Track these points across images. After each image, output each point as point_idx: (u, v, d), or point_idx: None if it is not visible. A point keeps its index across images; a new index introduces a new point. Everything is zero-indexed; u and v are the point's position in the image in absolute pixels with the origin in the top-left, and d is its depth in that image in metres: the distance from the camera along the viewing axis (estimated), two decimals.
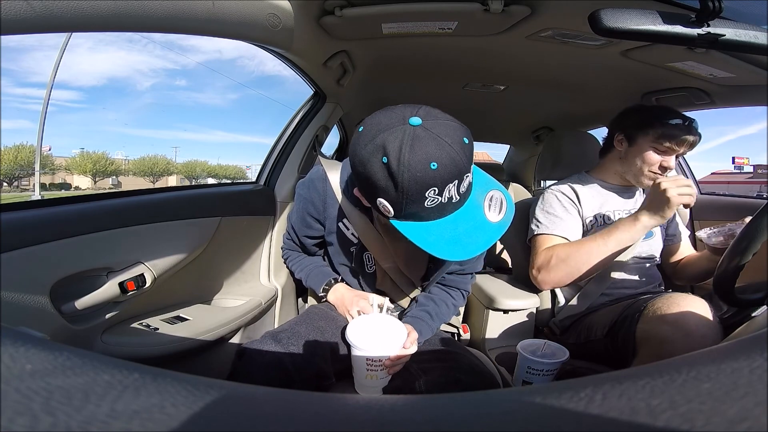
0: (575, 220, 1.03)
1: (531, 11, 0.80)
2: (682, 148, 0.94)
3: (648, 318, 0.77)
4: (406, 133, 0.51)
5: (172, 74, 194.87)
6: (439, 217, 0.56)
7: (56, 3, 0.41)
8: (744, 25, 0.51)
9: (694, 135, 0.93)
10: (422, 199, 0.53)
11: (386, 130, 0.53)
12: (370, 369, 0.66)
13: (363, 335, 0.67)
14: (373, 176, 0.54)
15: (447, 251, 0.55)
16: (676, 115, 0.94)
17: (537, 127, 1.98)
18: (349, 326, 0.69)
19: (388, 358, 0.66)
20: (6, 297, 0.58)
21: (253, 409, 0.15)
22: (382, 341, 0.66)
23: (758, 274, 0.74)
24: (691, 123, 0.94)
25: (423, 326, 0.80)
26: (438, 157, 0.51)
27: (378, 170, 0.53)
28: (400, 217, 0.57)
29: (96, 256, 0.73)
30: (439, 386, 0.65)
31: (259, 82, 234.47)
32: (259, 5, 0.66)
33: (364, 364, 0.66)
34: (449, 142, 0.52)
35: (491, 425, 0.14)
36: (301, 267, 0.94)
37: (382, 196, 0.55)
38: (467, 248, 0.55)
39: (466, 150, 0.53)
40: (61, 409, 0.13)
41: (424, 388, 0.65)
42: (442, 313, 0.86)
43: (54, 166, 47.53)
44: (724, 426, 0.13)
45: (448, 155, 0.51)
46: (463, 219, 0.57)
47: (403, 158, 0.51)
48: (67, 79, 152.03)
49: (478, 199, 0.59)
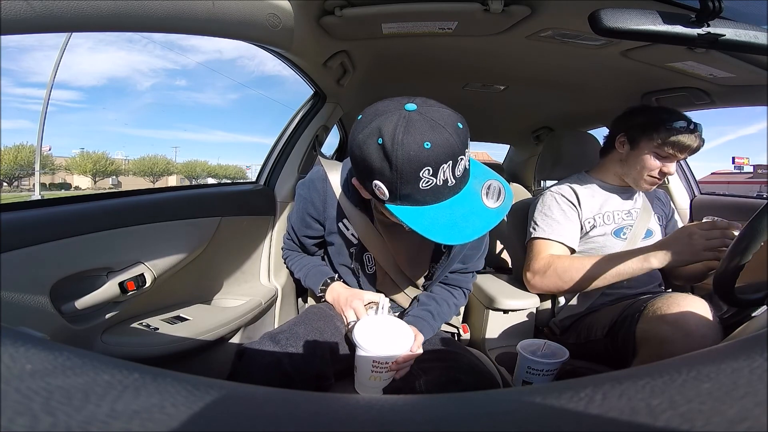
0: (573, 224, 1.03)
1: (531, 11, 0.80)
2: (684, 153, 0.94)
3: (648, 318, 0.77)
4: (402, 117, 0.54)
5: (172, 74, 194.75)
6: (434, 201, 0.56)
7: (56, 3, 0.41)
8: (744, 25, 0.51)
9: (698, 141, 0.92)
10: (417, 179, 0.54)
11: (383, 115, 0.55)
12: (375, 371, 0.65)
13: (370, 337, 0.66)
14: (369, 158, 0.55)
15: (442, 235, 0.55)
16: (681, 118, 0.93)
17: (537, 127, 1.98)
18: (357, 327, 0.68)
19: (394, 360, 0.65)
20: (6, 297, 0.58)
21: (253, 409, 0.15)
22: (389, 343, 0.66)
23: (758, 274, 0.74)
24: (696, 128, 0.92)
25: (425, 326, 0.79)
26: (431, 138, 0.52)
27: (373, 151, 0.54)
28: (396, 200, 0.57)
29: (96, 256, 0.73)
30: (438, 386, 0.65)
31: (259, 82, 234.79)
32: (259, 5, 0.66)
33: (370, 366, 0.65)
34: (443, 125, 0.53)
35: (491, 425, 0.14)
36: (300, 266, 0.94)
37: (378, 178, 0.56)
38: (463, 232, 0.55)
39: (460, 134, 0.54)
40: (61, 409, 0.13)
41: (424, 387, 0.65)
42: (444, 313, 0.86)
43: (54, 166, 47.53)
44: (724, 426, 0.13)
45: (442, 136, 0.53)
46: (460, 204, 0.57)
47: (397, 138, 0.52)
48: (67, 79, 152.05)
49: (475, 187, 0.59)
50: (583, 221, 1.04)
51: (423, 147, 0.52)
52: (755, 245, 0.57)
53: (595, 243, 1.03)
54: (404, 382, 0.69)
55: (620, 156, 1.03)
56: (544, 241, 1.02)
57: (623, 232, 1.03)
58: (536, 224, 1.05)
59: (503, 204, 0.59)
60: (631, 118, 1.01)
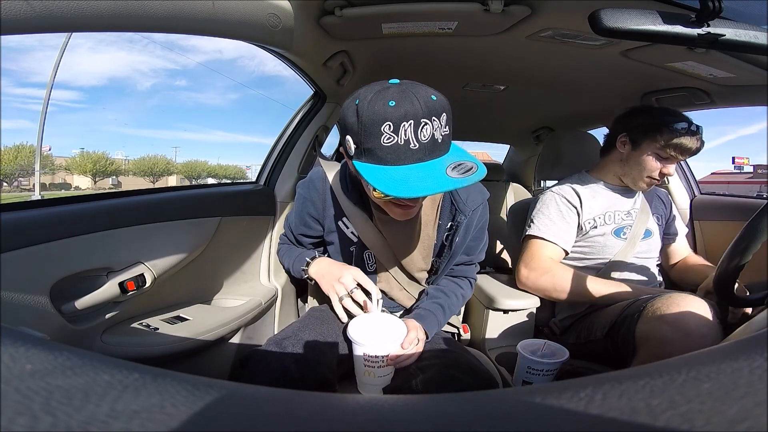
0: (569, 226, 1.04)
1: (531, 11, 0.80)
2: (685, 155, 0.94)
3: (648, 318, 0.77)
4: (382, 86, 0.60)
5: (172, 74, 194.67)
6: (396, 162, 0.58)
7: (56, 3, 0.41)
8: (744, 25, 0.51)
9: (699, 144, 0.92)
10: (378, 134, 0.57)
11: (369, 86, 0.61)
12: (367, 365, 0.67)
13: (362, 332, 0.69)
14: (346, 117, 0.61)
15: (392, 188, 0.55)
16: (683, 120, 0.93)
17: (537, 127, 1.97)
18: (351, 324, 0.71)
19: (386, 355, 0.67)
20: (6, 297, 0.58)
21: (253, 409, 0.15)
22: (379, 338, 0.68)
23: (758, 274, 0.74)
24: (697, 130, 0.92)
25: (433, 320, 0.79)
26: (397, 99, 0.57)
27: (350, 111, 0.60)
28: (361, 155, 0.60)
29: (96, 256, 0.73)
30: (435, 384, 0.65)
31: (259, 82, 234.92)
32: (259, 5, 0.66)
33: (362, 361, 0.67)
34: (414, 93, 0.57)
35: (491, 425, 0.14)
36: (288, 255, 0.93)
37: (348, 133, 0.61)
38: (413, 188, 0.55)
39: (428, 102, 0.57)
40: (61, 409, 0.13)
41: (420, 386, 0.65)
42: (453, 305, 0.86)
43: (54, 166, 47.50)
44: (724, 426, 0.13)
45: (408, 99, 0.57)
46: (420, 169, 0.58)
47: (370, 99, 0.58)
48: (67, 79, 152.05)
49: (445, 162, 0.60)
50: (583, 222, 1.04)
51: (387, 104, 0.56)
52: (755, 245, 0.57)
53: (595, 242, 1.03)
54: (402, 381, 0.69)
55: (621, 156, 1.03)
56: (538, 240, 1.03)
57: (623, 232, 1.03)
58: (533, 221, 1.06)
59: (467, 178, 0.57)
60: (632, 119, 1.01)
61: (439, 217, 0.82)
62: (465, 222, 0.79)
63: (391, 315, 0.77)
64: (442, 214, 0.82)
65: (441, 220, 0.82)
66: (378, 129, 0.56)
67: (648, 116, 0.98)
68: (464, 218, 0.79)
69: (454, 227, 0.80)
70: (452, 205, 0.81)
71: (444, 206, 0.82)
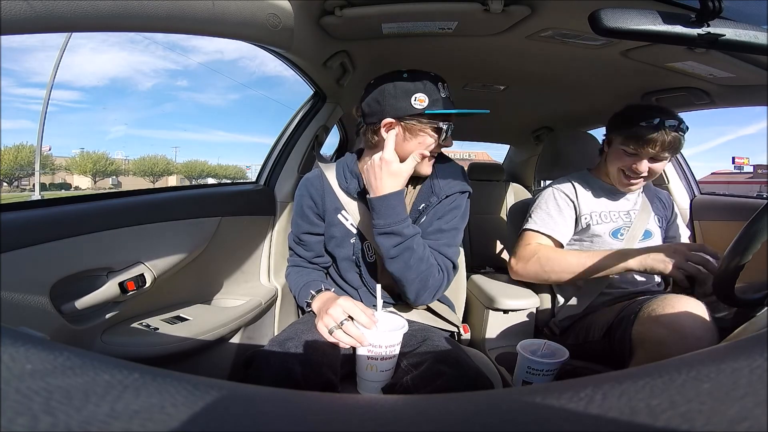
0: (567, 220, 1.04)
1: (531, 11, 0.80)
2: (651, 149, 0.91)
3: (643, 320, 0.76)
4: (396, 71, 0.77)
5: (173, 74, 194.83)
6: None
7: (56, 3, 0.41)
8: (744, 25, 0.51)
9: (664, 135, 0.89)
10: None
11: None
12: (370, 358, 0.68)
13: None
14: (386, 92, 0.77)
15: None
16: (652, 116, 0.90)
17: (537, 127, 1.98)
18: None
19: (390, 345, 0.69)
20: (6, 297, 0.58)
21: (253, 409, 0.15)
22: (384, 331, 0.69)
23: (758, 274, 0.74)
24: (660, 123, 0.89)
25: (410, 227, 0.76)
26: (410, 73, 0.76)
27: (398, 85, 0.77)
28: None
29: (96, 256, 0.73)
30: (423, 380, 0.65)
31: (259, 83, 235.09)
32: (259, 5, 0.66)
33: (366, 354, 0.69)
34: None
35: (491, 425, 0.14)
36: (296, 284, 0.91)
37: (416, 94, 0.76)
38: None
39: (427, 85, 0.74)
40: (61, 409, 0.13)
41: (410, 383, 0.66)
42: (424, 255, 0.78)
43: (54, 166, 47.48)
44: (724, 426, 0.13)
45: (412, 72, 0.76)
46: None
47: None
48: (67, 79, 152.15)
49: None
50: (580, 216, 1.04)
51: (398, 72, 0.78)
52: (755, 245, 0.57)
53: (593, 241, 1.03)
54: (396, 379, 0.69)
55: (605, 155, 1.05)
56: (534, 233, 1.04)
57: (621, 233, 1.03)
58: (531, 217, 1.07)
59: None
60: (613, 118, 1.03)
61: (417, 199, 0.86)
62: (436, 204, 0.84)
63: (392, 313, 0.78)
64: (419, 197, 0.86)
65: (417, 202, 0.86)
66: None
67: (621, 114, 1.00)
68: (436, 200, 0.84)
69: (425, 207, 0.85)
70: (430, 189, 0.86)
71: (423, 190, 0.87)
